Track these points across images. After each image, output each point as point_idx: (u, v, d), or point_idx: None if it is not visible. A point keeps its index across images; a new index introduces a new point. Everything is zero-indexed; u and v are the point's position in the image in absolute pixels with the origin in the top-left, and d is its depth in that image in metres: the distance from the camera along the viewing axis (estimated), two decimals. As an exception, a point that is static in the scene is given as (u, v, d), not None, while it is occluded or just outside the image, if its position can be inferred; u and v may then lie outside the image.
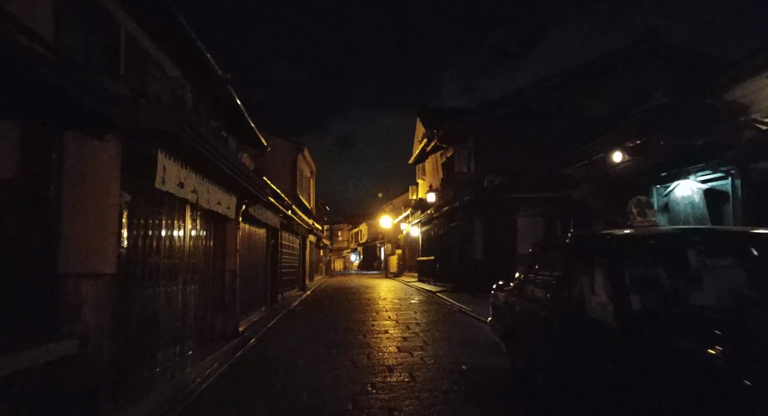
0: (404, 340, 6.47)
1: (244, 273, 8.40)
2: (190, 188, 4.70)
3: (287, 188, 17.48)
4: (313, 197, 25.37)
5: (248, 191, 6.54)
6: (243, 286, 8.28)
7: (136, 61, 5.50)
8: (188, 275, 5.44)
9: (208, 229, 6.42)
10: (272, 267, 10.91)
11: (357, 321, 8.42)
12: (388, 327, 7.68)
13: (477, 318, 8.43)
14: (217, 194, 5.69)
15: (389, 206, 36.01)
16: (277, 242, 11.35)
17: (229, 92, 7.49)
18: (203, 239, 6.21)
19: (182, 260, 5.20)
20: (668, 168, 6.16)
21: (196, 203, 4.92)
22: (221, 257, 6.87)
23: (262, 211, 8.86)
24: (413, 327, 7.55)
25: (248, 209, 7.54)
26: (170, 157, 4.11)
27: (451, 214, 13.80)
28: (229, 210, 6.25)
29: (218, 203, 5.72)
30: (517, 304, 4.13)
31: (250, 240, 8.88)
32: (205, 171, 5.09)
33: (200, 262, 6.05)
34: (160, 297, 4.65)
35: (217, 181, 5.65)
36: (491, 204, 11.01)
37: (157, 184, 3.86)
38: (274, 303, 10.84)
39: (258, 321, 8.77)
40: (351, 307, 10.71)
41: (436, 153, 17.45)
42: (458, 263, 13.78)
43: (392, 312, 9.52)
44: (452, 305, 10.53)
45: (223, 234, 6.90)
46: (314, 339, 6.78)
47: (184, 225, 5.30)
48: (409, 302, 11.55)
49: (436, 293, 13.28)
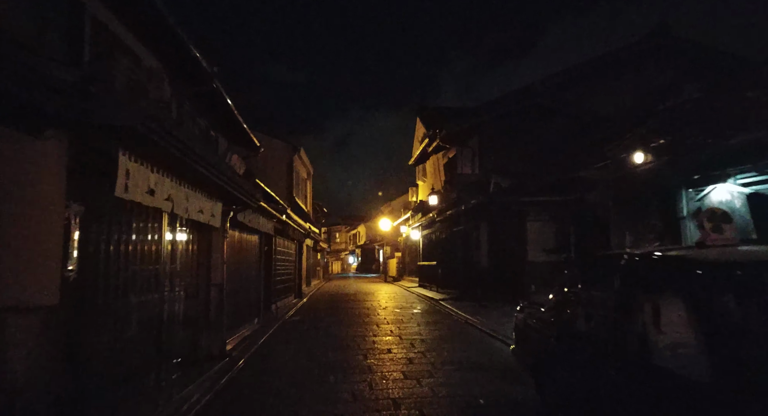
0: (410, 362, 5.81)
1: (234, 285, 7.74)
2: (163, 195, 4.03)
3: (283, 190, 16.80)
4: (310, 199, 24.69)
5: (236, 196, 5.88)
6: (233, 298, 7.62)
7: (105, 48, 4.83)
8: (166, 293, 4.78)
9: (190, 239, 5.75)
10: (266, 276, 10.24)
11: (356, 336, 7.76)
12: (390, 344, 7.01)
13: (487, 333, 7.79)
14: (199, 201, 5.03)
15: (388, 208, 35.35)
16: (272, 249, 10.68)
17: (217, 88, 6.83)
18: (185, 250, 5.55)
19: (158, 276, 4.53)
20: (704, 170, 5.52)
21: (172, 212, 4.26)
22: (206, 270, 6.21)
23: (253, 217, 8.19)
24: (418, 345, 6.89)
25: (237, 216, 6.88)
26: (136, 159, 3.45)
27: (454, 217, 13.16)
28: (213, 218, 5.59)
29: (200, 212, 5.05)
30: (552, 333, 3.47)
31: (240, 248, 8.21)
32: (183, 176, 4.43)
33: (181, 277, 5.39)
34: (130, 321, 3.99)
35: (199, 186, 4.99)
36: (498, 208, 10.38)
37: (118, 192, 3.20)
38: (268, 314, 10.17)
39: (250, 335, 8.10)
40: (349, 318, 10.05)
41: (438, 153, 16.81)
42: (462, 269, 13.13)
43: (394, 325, 8.86)
44: (457, 317, 9.88)
45: (208, 244, 6.23)
46: (309, 359, 6.12)
47: (161, 237, 4.63)
48: (412, 312, 10.89)
49: (439, 301, 12.63)
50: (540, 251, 9.83)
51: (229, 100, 7.39)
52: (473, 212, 11.38)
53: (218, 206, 5.80)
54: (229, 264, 7.40)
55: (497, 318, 8.99)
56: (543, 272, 9.80)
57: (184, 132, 3.77)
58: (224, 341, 6.45)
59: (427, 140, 15.84)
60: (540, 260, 9.82)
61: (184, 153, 3.75)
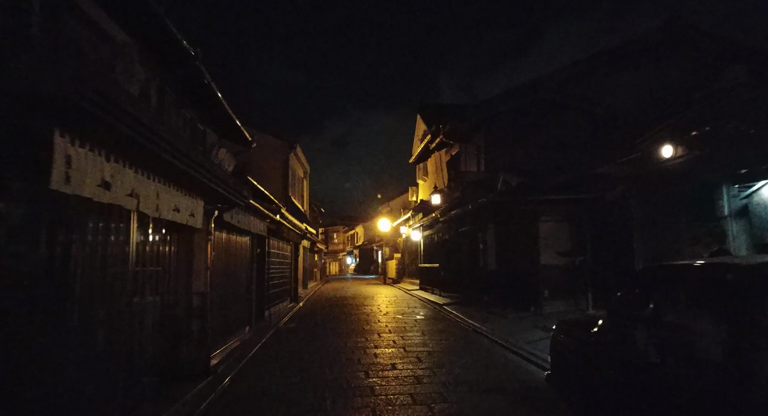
0: (417, 382, 5.11)
1: (222, 291, 7.03)
2: (125, 189, 3.32)
3: (278, 189, 16.09)
4: (306, 199, 23.97)
5: (220, 194, 5.17)
6: (220, 306, 6.90)
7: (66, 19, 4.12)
8: (137, 304, 4.08)
9: (168, 242, 5.04)
10: (258, 280, 9.52)
11: (356, 348, 7.05)
12: (394, 358, 6.31)
13: (500, 343, 7.10)
14: (174, 198, 4.31)
15: (386, 208, 34.64)
16: (265, 251, 9.96)
17: (200, 73, 6.12)
18: (161, 255, 4.84)
19: (125, 284, 3.82)
20: (753, 163, 4.84)
21: (137, 210, 3.55)
22: (187, 277, 5.49)
23: (243, 217, 7.47)
24: (425, 359, 6.19)
25: (223, 215, 6.16)
26: (83, 144, 2.74)
27: (459, 218, 12.46)
28: (193, 218, 4.88)
29: (175, 210, 4.34)
30: (613, 368, 2.73)
31: (229, 251, 7.50)
32: (152, 167, 3.73)
33: (157, 285, 4.68)
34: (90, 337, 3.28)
35: (174, 181, 4.29)
36: (508, 207, 9.69)
37: (55, 183, 2.49)
38: (261, 322, 9.45)
39: (239, 346, 7.39)
40: (348, 326, 9.34)
41: (440, 151, 16.11)
42: (467, 272, 12.45)
43: (397, 335, 8.16)
44: (464, 324, 9.19)
45: (189, 248, 5.52)
46: (304, 377, 5.41)
47: (128, 239, 3.93)
48: (415, 319, 10.19)
49: (443, 306, 11.93)
50: (553, 254, 9.13)
51: (215, 87, 6.68)
52: (480, 211, 10.69)
53: (199, 205, 5.08)
54: (215, 269, 6.69)
55: (508, 327, 8.31)
56: (556, 276, 9.12)
57: (147, 112, 3.06)
58: (209, 355, 5.74)
59: (429, 137, 15.14)
60: (553, 263, 9.13)
61: (146, 138, 3.05)
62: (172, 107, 7.13)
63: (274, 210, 9.69)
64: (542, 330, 7.73)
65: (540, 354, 6.09)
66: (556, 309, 9.02)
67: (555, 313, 9.01)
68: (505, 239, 10.50)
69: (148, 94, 5.92)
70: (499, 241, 10.76)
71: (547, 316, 8.90)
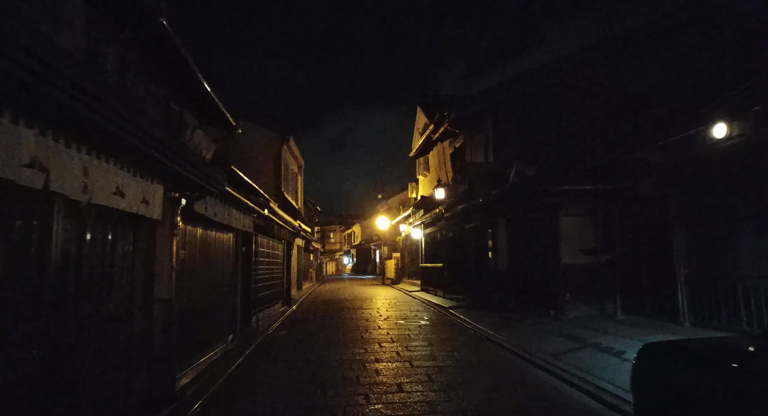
0: (431, 411, 4.09)
1: (197, 296, 6.00)
2: (22, 157, 2.30)
3: (270, 184, 15.07)
4: (301, 195, 22.93)
5: (184, 177, 4.13)
6: (195, 314, 5.88)
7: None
8: (69, 318, 3.05)
9: (122, 238, 4.01)
10: (244, 283, 8.49)
11: (354, 362, 6.04)
12: (400, 375, 5.29)
13: (521, 356, 6.11)
14: (115, 177, 3.27)
15: (384, 207, 33.68)
16: (252, 250, 8.93)
17: (166, 33, 5.07)
18: (114, 255, 3.81)
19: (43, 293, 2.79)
20: None
21: (46, 189, 2.51)
22: (146, 281, 4.46)
23: (223, 209, 6.43)
24: (437, 378, 5.18)
25: (194, 206, 5.12)
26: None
27: (466, 213, 11.45)
28: (147, 207, 3.84)
29: (117, 194, 3.29)
30: None
31: (206, 249, 6.47)
32: (71, 131, 2.70)
33: (101, 292, 3.65)
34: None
35: (114, 156, 3.25)
36: (523, 200, 8.68)
37: None
38: (247, 329, 8.41)
39: (220, 359, 6.37)
40: (345, 334, 8.33)
41: (444, 142, 15.09)
42: (475, 273, 11.44)
43: (400, 345, 7.14)
44: (475, 331, 8.18)
45: (150, 245, 4.48)
46: (292, 401, 4.40)
47: (49, 233, 2.90)
48: (419, 325, 9.18)
49: (449, 309, 10.92)
50: (576, 252, 8.12)
51: (186, 53, 5.63)
52: (490, 205, 9.68)
53: (157, 190, 4.05)
54: (188, 270, 5.66)
55: (526, 335, 7.31)
56: (579, 277, 8.11)
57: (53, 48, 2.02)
58: (174, 376, 4.71)
59: (432, 127, 14.12)
60: (576, 262, 8.12)
61: (38, 75, 2.02)
62: (139, 82, 6.08)
63: (262, 204, 8.66)
64: (568, 339, 6.74)
65: (574, 371, 5.11)
66: (578, 314, 8.03)
67: (578, 318, 8.02)
68: (519, 236, 9.50)
69: (103, 62, 4.87)
70: (511, 238, 9.76)
71: (569, 322, 7.90)
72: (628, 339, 6.23)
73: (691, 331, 6.43)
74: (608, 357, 5.51)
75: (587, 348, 6.08)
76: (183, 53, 5.53)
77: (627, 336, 6.44)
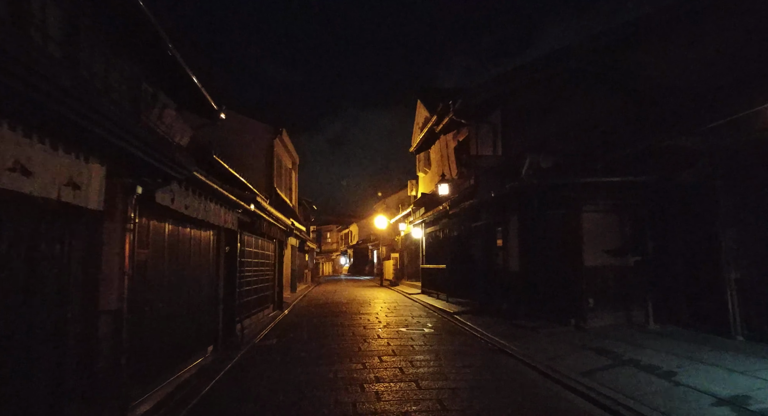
0: (450, 457, 3.18)
1: (166, 303, 5.08)
2: None
3: (261, 179, 14.15)
4: (296, 192, 22.00)
5: (134, 156, 3.21)
6: (162, 326, 4.96)
7: None
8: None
9: (42, 234, 3.08)
10: (228, 286, 7.57)
11: (351, 381, 5.13)
12: (405, 402, 4.38)
13: (542, 371, 5.23)
14: (17, 149, 2.36)
15: (382, 205, 32.82)
16: (236, 250, 8.00)
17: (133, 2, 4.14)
18: (24, 256, 2.89)
19: None
20: None
21: None
22: (87, 289, 3.54)
23: (197, 202, 5.51)
24: (450, 404, 4.27)
25: (155, 195, 4.19)
26: None
27: (472, 210, 10.56)
28: (78, 192, 2.92)
29: (23, 174, 2.37)
30: None
31: (178, 249, 5.54)
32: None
33: (20, 306, 2.73)
34: None
35: (7, 112, 2.33)
36: (538, 195, 7.79)
37: None
38: (230, 338, 7.48)
39: (195, 375, 5.47)
40: (340, 344, 7.42)
41: (447, 135, 14.20)
42: (482, 275, 10.55)
43: (403, 359, 6.23)
44: (486, 341, 7.29)
45: (91, 243, 3.56)
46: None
47: None
48: (423, 334, 8.27)
49: (454, 315, 10.01)
50: (600, 252, 7.22)
51: (151, 16, 4.70)
52: (500, 201, 8.78)
53: (93, 171, 3.12)
54: (154, 273, 4.74)
55: (546, 346, 6.43)
56: (605, 281, 7.21)
57: None
58: (125, 406, 3.78)
59: (435, 118, 13.21)
60: (600, 264, 7.22)
61: None
62: (101, 54, 5.15)
63: (247, 198, 7.73)
64: (596, 354, 5.85)
65: (614, 395, 4.21)
66: (603, 323, 7.14)
67: (603, 328, 7.13)
68: (533, 235, 8.60)
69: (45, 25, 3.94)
70: (524, 237, 8.87)
71: (593, 332, 7.01)
72: (673, 355, 5.34)
73: (747, 346, 5.56)
74: (655, 379, 4.62)
75: (624, 366, 5.18)
76: (148, 14, 4.59)
77: (669, 351, 5.56)
